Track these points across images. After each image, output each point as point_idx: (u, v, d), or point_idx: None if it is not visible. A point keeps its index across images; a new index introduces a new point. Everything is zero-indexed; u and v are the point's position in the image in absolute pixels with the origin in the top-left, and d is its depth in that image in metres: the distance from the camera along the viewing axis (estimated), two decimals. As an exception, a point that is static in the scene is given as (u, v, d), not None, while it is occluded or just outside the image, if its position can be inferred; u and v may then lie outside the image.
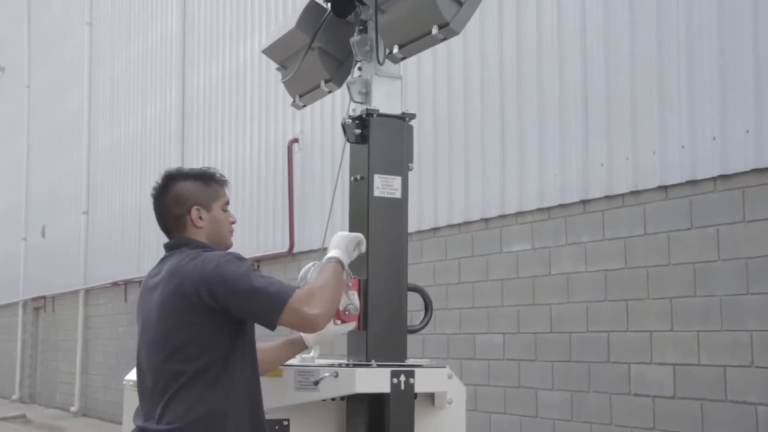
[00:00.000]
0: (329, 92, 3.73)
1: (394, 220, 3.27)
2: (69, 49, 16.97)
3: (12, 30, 21.12)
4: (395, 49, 3.18)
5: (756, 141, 4.52)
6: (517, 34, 6.11)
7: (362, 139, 3.28)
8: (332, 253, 2.87)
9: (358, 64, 3.47)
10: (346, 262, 2.87)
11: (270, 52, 3.94)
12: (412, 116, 3.38)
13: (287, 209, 8.98)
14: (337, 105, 8.18)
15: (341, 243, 2.90)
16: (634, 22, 5.25)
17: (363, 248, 2.98)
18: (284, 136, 9.21)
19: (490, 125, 6.31)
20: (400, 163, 3.30)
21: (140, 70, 13.50)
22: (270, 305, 2.61)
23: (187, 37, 11.82)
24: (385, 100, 3.36)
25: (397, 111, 3.35)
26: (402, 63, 3.47)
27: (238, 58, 10.30)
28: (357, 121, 3.30)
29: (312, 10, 3.65)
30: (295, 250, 8.88)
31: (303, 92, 3.84)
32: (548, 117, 5.82)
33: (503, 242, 6.15)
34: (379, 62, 3.35)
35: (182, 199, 2.83)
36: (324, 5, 3.62)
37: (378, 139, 3.27)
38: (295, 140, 8.97)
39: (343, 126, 3.30)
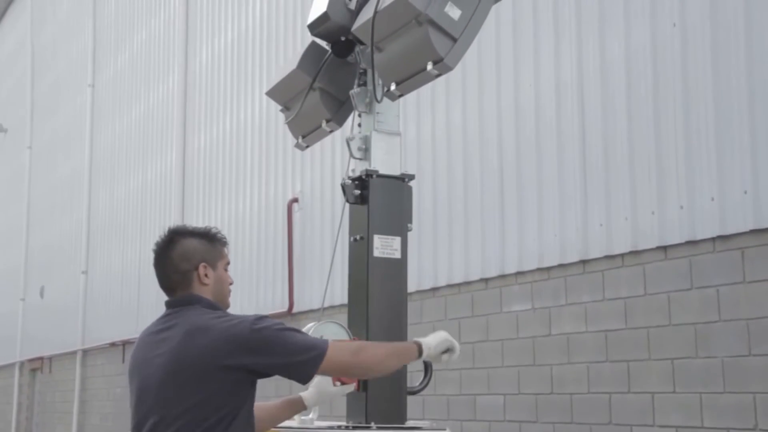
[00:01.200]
0: (330, 132, 3.77)
1: (394, 280, 3.28)
2: (71, 110, 17.12)
3: (15, 91, 21.33)
4: (392, 86, 3.22)
5: (754, 202, 4.53)
6: (515, 95, 6.17)
7: (362, 199, 3.31)
8: (421, 339, 2.87)
9: (359, 117, 3.50)
10: (426, 353, 2.84)
11: (273, 93, 3.98)
12: (411, 177, 3.40)
13: (287, 269, 8.97)
14: (336, 165, 8.22)
15: (435, 338, 2.88)
16: (631, 84, 5.30)
17: (454, 357, 2.94)
18: (284, 195, 9.24)
19: (489, 185, 6.34)
20: (399, 223, 3.32)
21: (141, 131, 13.60)
22: (312, 355, 2.62)
23: (188, 99, 11.94)
24: (384, 156, 3.39)
25: (396, 168, 3.38)
26: (402, 123, 3.50)
27: (239, 119, 10.38)
28: (357, 182, 3.32)
29: (313, 51, 3.70)
30: (295, 309, 8.84)
31: (305, 133, 3.87)
32: (547, 177, 5.85)
33: (503, 302, 6.13)
34: (377, 99, 3.40)
35: (189, 255, 2.82)
36: (325, 47, 3.67)
37: (377, 200, 3.29)
38: (295, 200, 9.00)
39: (343, 187, 3.33)
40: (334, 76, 3.64)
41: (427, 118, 7.00)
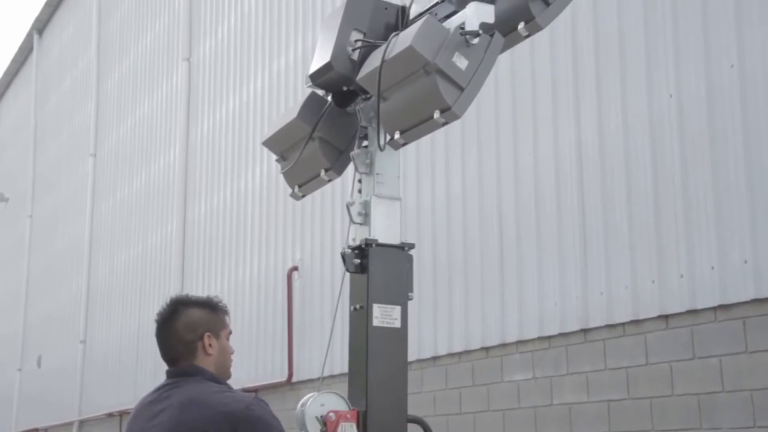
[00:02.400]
0: (329, 181, 3.77)
1: (394, 350, 3.25)
2: (72, 179, 17.21)
3: (18, 161, 21.48)
4: (396, 135, 3.25)
5: (754, 271, 4.52)
6: (514, 163, 6.21)
7: (362, 268, 3.30)
8: None
9: (359, 181, 3.52)
10: None
11: (270, 143, 3.98)
12: (411, 246, 3.40)
13: (286, 338, 8.92)
14: (336, 234, 8.24)
15: None
16: (629, 153, 5.34)
17: None
18: (284, 264, 9.23)
19: (489, 254, 6.34)
20: (399, 292, 3.31)
21: (142, 199, 13.66)
22: None
23: (189, 168, 12.02)
24: (384, 221, 3.39)
25: (396, 236, 3.38)
26: (402, 190, 3.52)
27: (239, 188, 10.44)
28: (356, 251, 3.32)
29: (313, 101, 3.74)
30: (294, 379, 8.77)
31: (302, 182, 3.86)
32: (546, 245, 5.85)
33: (504, 371, 6.08)
34: (380, 148, 3.42)
35: (194, 325, 2.80)
36: (324, 97, 3.71)
37: (377, 269, 3.29)
38: (295, 268, 8.99)
39: (343, 256, 3.33)
40: (334, 125, 3.67)
41: (426, 186, 7.04)
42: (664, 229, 5.05)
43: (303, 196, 3.94)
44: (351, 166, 3.63)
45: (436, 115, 3.07)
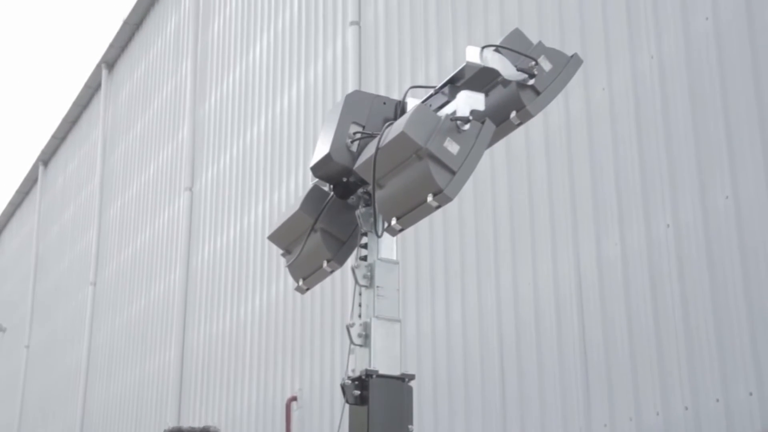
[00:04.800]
0: (331, 272, 3.79)
1: (395, 485, 3.19)
2: (71, 308, 17.14)
3: (17, 291, 21.45)
4: (393, 221, 3.29)
5: (760, 403, 4.46)
6: (514, 293, 6.21)
7: (362, 400, 3.27)
8: None
9: (359, 291, 3.53)
10: None
11: (275, 237, 4.03)
12: (412, 377, 3.39)
13: (283, 472, 8.72)
14: (336, 364, 8.15)
15: None
16: (628, 284, 5.35)
17: None
18: (283, 393, 9.10)
19: (489, 383, 6.26)
20: (400, 425, 3.27)
21: (140, 326, 13.57)
22: None
23: (188, 295, 12.00)
24: (384, 344, 3.39)
25: (396, 364, 3.38)
26: (401, 315, 3.53)
27: (238, 316, 10.40)
28: (356, 382, 3.30)
29: (315, 193, 3.81)
30: None
31: (306, 275, 3.88)
32: (548, 377, 5.79)
33: (507, 507, 5.91)
34: (377, 234, 3.47)
35: None
36: (326, 189, 3.77)
37: (378, 401, 3.26)
38: (294, 398, 8.86)
39: (343, 387, 3.31)
40: (336, 216, 3.74)
41: (426, 314, 7.01)
42: (666, 360, 5.01)
43: (307, 289, 3.98)
44: (352, 284, 3.65)
45: (429, 198, 3.15)
